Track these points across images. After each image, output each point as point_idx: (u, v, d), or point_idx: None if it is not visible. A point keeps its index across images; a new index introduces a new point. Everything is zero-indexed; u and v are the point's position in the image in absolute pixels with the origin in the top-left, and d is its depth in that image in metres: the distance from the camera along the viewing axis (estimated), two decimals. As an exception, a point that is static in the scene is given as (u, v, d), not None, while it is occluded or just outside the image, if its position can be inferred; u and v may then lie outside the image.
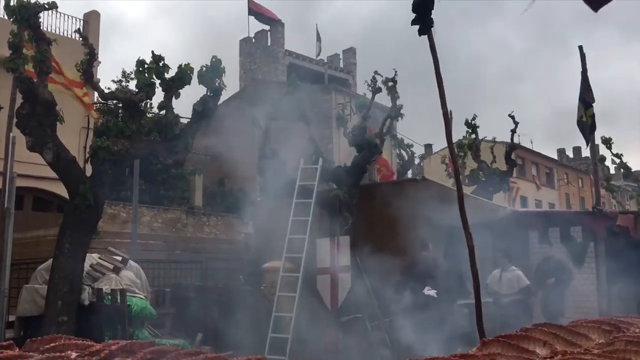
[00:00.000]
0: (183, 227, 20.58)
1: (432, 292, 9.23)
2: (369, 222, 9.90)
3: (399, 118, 12.23)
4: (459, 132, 16.50)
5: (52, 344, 3.99)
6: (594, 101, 11.48)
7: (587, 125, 11.30)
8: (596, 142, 15.17)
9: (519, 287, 9.60)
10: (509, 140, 16.49)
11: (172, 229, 19.89)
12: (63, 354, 3.72)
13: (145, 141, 8.46)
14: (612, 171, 22.40)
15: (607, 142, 18.39)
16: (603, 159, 18.87)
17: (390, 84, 12.18)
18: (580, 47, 12.01)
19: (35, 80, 7.75)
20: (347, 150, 14.23)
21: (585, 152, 41.61)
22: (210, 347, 8.54)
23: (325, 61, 36.91)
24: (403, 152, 16.08)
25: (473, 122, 16.29)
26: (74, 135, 15.33)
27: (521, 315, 8.86)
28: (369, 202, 10.16)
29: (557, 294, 10.15)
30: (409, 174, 15.86)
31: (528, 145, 40.67)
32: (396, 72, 12.33)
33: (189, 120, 8.88)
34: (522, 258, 12.08)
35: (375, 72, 12.09)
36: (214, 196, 23.41)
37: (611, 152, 18.78)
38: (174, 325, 10.75)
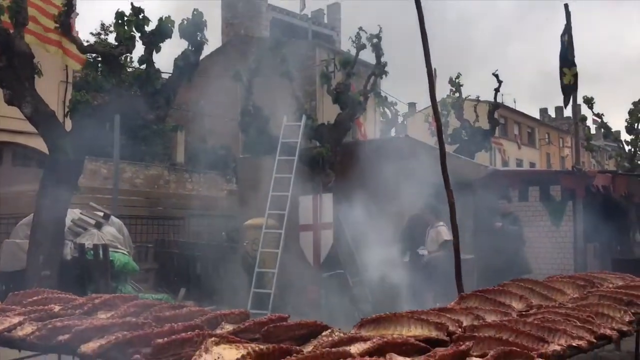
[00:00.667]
0: (165, 183, 20.50)
1: (425, 252, 9.36)
2: (352, 179, 9.93)
3: (383, 75, 12.14)
4: (443, 90, 16.48)
5: (34, 298, 4.01)
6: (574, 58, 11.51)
7: (568, 84, 11.34)
8: (578, 102, 15.27)
9: (438, 242, 9.23)
10: (493, 99, 16.51)
11: (154, 186, 19.81)
12: (46, 307, 3.74)
13: (125, 96, 8.33)
14: (593, 131, 22.63)
15: (589, 102, 18.50)
16: (584, 118, 19.03)
17: (374, 40, 12.04)
18: (566, 5, 11.96)
19: (11, 31, 7.53)
20: (330, 108, 14.16)
21: (567, 112, 41.88)
22: (193, 302, 8.65)
23: (309, 16, 36.29)
24: (387, 110, 16.05)
25: (457, 80, 16.26)
26: (52, 89, 15.00)
27: (442, 271, 8.45)
28: (352, 159, 10.17)
29: (510, 249, 9.87)
30: (393, 132, 15.86)
31: (511, 105, 40.80)
32: (381, 28, 12.18)
33: (170, 75, 8.74)
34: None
35: (360, 29, 11.94)
36: (196, 153, 23.26)
37: (592, 112, 18.94)
38: (157, 281, 10.84)
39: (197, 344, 2.92)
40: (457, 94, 16.28)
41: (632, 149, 19.62)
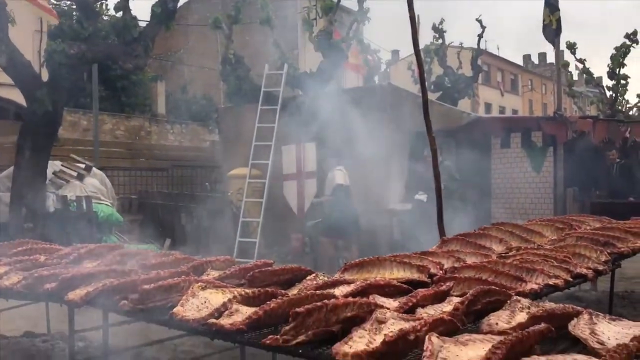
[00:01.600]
0: (146, 135, 20.30)
1: (423, 197, 9.39)
2: (336, 128, 9.91)
3: (366, 22, 11.96)
4: (426, 37, 16.30)
5: (19, 248, 4.01)
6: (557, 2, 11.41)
7: (551, 29, 11.27)
8: (561, 48, 15.21)
9: (332, 187, 8.99)
10: (476, 46, 16.39)
11: (135, 137, 19.61)
12: (31, 257, 3.76)
13: (102, 44, 8.13)
14: (575, 77, 22.64)
15: (572, 47, 18.45)
16: (567, 64, 19.02)
17: (357, -15, 11.79)
18: (551, -51, 11.74)
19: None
20: (313, 56, 13.97)
21: (550, 58, 41.81)
22: (179, 252, 8.71)
23: (290, -38, 35.30)
24: (370, 57, 15.88)
25: (440, 26, 16.07)
26: (27, 38, 14.57)
27: (334, 216, 8.62)
28: (336, 107, 10.12)
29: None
30: (376, 80, 15.73)
31: (494, 52, 40.56)
32: (363, -28, 11.90)
33: (147, 22, 8.51)
34: (484, 163, 12.41)
35: (342, -26, 11.63)
36: (177, 104, 22.96)
37: (575, 58, 18.91)
38: (142, 232, 10.86)
39: (184, 289, 2.97)
40: (440, 41, 16.12)
41: (613, 95, 19.74)
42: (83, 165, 9.69)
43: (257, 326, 2.49)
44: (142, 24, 9.25)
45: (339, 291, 2.94)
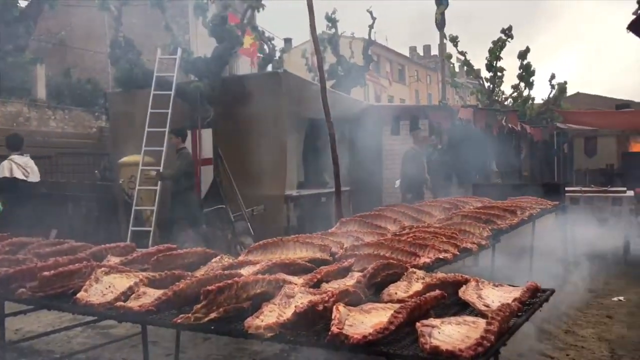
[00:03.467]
0: (25, 121, 18.96)
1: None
2: (232, 114, 9.86)
3: (260, 9, 11.92)
4: (319, 26, 16.47)
5: None
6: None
7: (439, 22, 11.91)
8: (445, 42, 16.09)
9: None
10: (367, 37, 16.86)
11: (12, 124, 18.25)
12: None
13: (-22, 22, 7.54)
14: (457, 69, 23.97)
15: (454, 40, 19.51)
16: (450, 56, 20.09)
17: (250, -29, 11.71)
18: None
19: None
20: (205, 41, 13.72)
21: (434, 51, 43.81)
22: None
23: (180, -57, 34.23)
24: (264, 44, 15.86)
25: (333, 16, 16.36)
26: None
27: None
28: (231, 94, 10.06)
29: None
30: (270, 68, 15.74)
31: (383, 42, 41.88)
32: (256, -41, 11.82)
33: (29, 2, 8.00)
34: (376, 149, 12.91)
35: (235, -42, 11.53)
36: (59, 88, 21.61)
37: (457, 50, 20.02)
38: (25, 222, 10.22)
39: (86, 275, 2.91)
40: (333, 30, 16.41)
41: (491, 86, 21.14)
42: (-45, 153, 8.94)
43: (166, 307, 2.51)
44: (23, 4, 8.69)
45: (245, 271, 3.02)
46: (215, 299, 2.35)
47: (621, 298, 6.26)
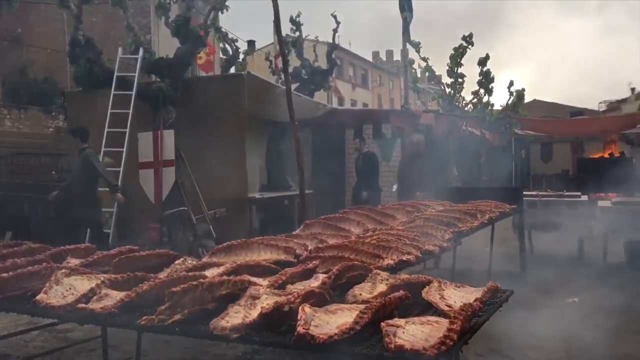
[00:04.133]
0: (-22, 120, 18.38)
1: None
2: (194, 116, 9.77)
3: (224, 10, 11.85)
4: (283, 29, 16.47)
5: None
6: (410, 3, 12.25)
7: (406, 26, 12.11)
8: (407, 47, 16.28)
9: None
10: (331, 40, 16.96)
11: (-36, 123, 17.69)
12: None
13: None
14: (419, 74, 24.32)
15: (416, 46, 19.79)
16: (412, 62, 20.37)
17: (214, -28, 11.63)
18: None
19: None
20: (167, 42, 13.57)
21: (397, 56, 44.33)
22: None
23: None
24: (227, 46, 15.78)
25: (297, 19, 16.41)
26: None
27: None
28: (193, 95, 9.97)
29: None
30: (233, 70, 15.66)
31: (347, 47, 42.16)
32: (220, -40, 11.75)
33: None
34: (339, 152, 12.98)
35: (199, -41, 11.44)
36: (14, 86, 21.00)
37: (419, 56, 20.32)
38: (-23, 225, 9.91)
39: (45, 277, 2.84)
40: (297, 33, 16.45)
41: (452, 92, 21.53)
42: None
43: (129, 309, 2.48)
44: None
45: (210, 273, 3.00)
46: (180, 300, 2.34)
47: (575, 299, 6.44)
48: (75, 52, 10.21)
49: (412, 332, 2.09)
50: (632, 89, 28.00)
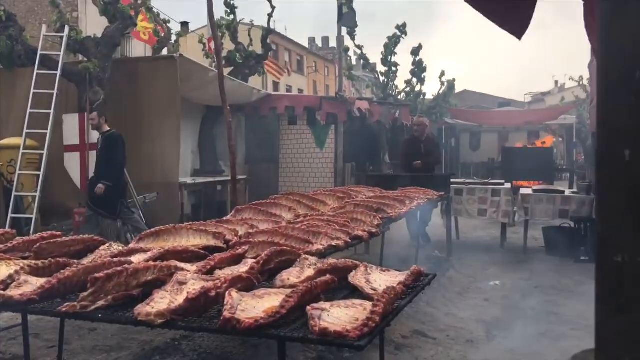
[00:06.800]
0: None
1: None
2: (123, 98, 9.47)
3: (156, -11, 11.56)
4: (218, 12, 16.21)
5: None
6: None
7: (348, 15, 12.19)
8: (343, 35, 16.37)
9: None
10: (266, 25, 16.79)
11: None
12: None
13: None
14: (354, 62, 24.51)
15: (351, 33, 19.89)
16: (347, 49, 20.49)
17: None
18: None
19: None
20: (95, 21, 13.08)
21: (332, 43, 44.50)
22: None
23: None
24: (159, 27, 15.31)
25: (232, 2, 16.12)
26: None
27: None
28: (123, 77, 9.66)
29: None
30: (165, 52, 15.26)
31: (282, 32, 41.89)
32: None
33: None
34: (273, 138, 12.95)
35: None
36: None
37: (354, 44, 20.45)
38: None
39: (-41, 264, 2.71)
40: (232, 17, 16.17)
41: (386, 80, 21.82)
42: None
43: (50, 296, 2.41)
44: None
45: (136, 259, 2.95)
46: (104, 286, 2.29)
47: (497, 282, 6.75)
48: (-6, 28, 9.67)
49: (337, 315, 2.14)
50: (556, 82, 29.34)
